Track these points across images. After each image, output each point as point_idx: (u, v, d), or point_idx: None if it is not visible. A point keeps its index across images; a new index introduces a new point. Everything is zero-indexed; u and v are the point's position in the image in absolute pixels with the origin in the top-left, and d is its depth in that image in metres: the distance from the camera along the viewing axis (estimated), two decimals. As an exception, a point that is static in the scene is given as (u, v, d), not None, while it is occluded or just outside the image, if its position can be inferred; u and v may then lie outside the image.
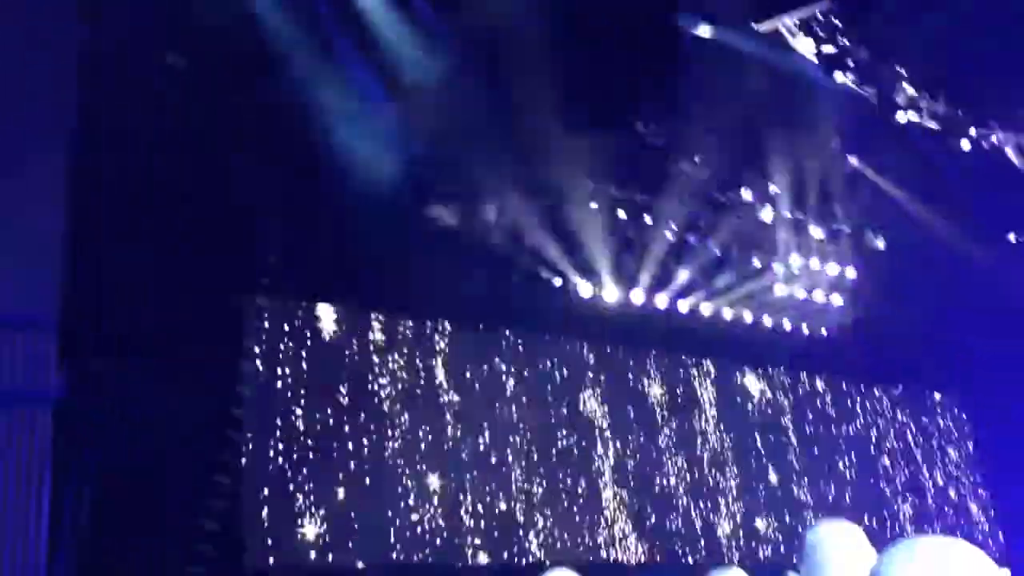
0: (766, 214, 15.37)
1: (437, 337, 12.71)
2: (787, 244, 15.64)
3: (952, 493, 18.19)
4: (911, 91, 14.48)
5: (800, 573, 10.82)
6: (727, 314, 15.44)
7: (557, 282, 13.60)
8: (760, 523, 15.40)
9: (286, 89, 10.26)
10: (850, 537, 10.92)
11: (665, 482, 14.57)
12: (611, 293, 14.01)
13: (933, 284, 16.26)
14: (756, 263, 15.46)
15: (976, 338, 16.71)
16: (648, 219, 14.23)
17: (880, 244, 16.39)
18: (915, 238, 16.09)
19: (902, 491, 17.33)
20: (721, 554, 14.74)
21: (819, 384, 17.05)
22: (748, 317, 15.69)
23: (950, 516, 17.74)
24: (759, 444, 15.75)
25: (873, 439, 17.45)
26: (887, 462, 17.46)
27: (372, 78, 11.01)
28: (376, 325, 12.21)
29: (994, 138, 15.18)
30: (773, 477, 15.73)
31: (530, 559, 12.80)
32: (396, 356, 12.21)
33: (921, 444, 18.22)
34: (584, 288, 13.81)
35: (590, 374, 14.13)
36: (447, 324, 12.76)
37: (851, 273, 16.08)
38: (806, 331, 16.38)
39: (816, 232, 15.86)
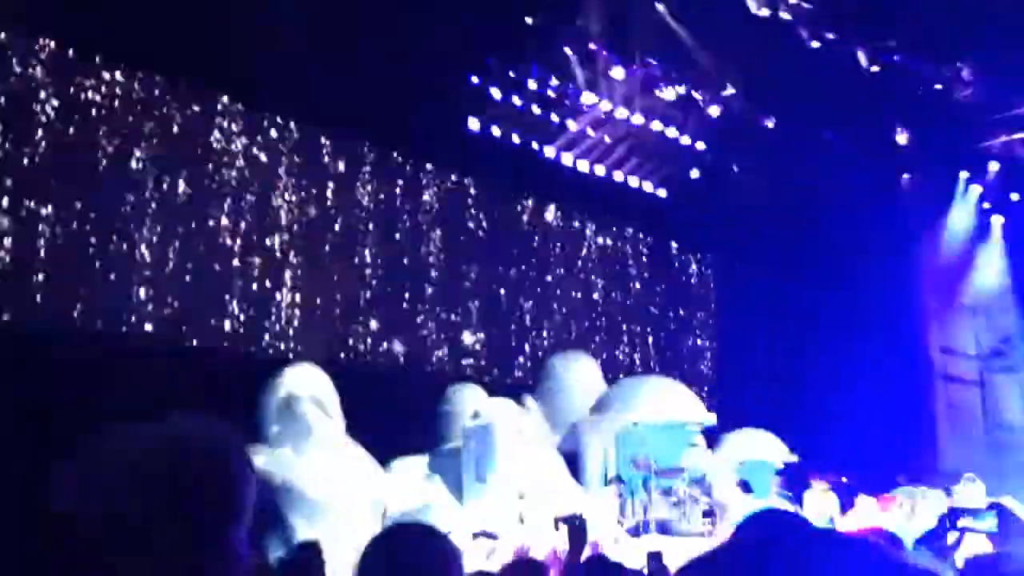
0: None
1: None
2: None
3: (688, 341, 20.06)
4: None
5: (535, 396, 11.24)
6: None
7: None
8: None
9: None
10: (585, 368, 11.50)
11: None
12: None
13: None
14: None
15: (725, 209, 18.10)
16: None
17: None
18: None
19: (638, 333, 19.23)
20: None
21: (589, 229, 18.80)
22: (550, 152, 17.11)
23: (682, 362, 19.33)
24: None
25: (612, 281, 19.15)
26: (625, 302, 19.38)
27: None
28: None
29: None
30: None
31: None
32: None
33: (663, 292, 19.92)
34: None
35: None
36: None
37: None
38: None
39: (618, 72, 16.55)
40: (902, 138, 18.14)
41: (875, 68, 16.67)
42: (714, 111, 17.27)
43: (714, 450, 16.08)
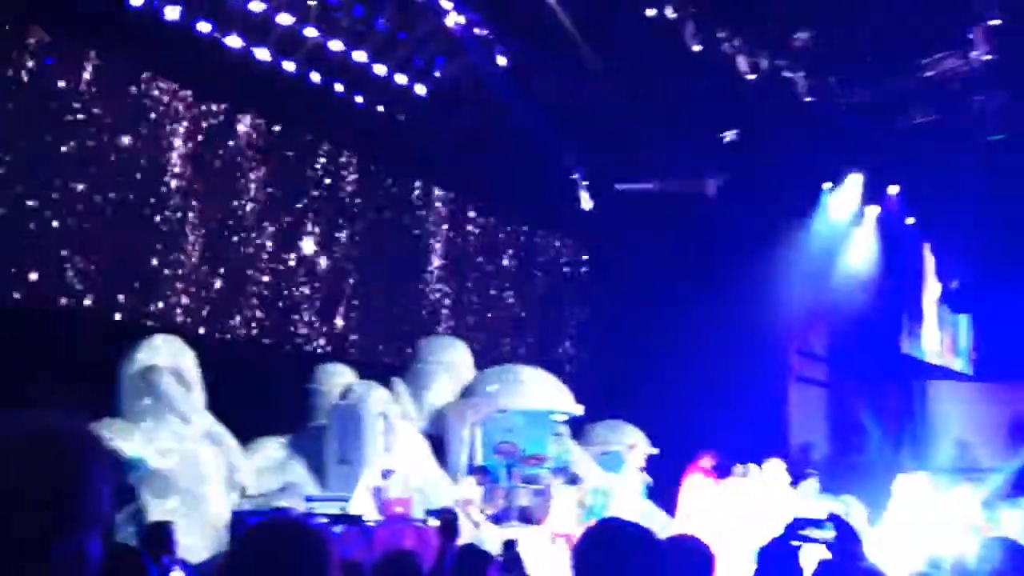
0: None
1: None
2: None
3: (558, 331, 20.40)
4: None
5: (404, 378, 11.57)
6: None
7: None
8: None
9: None
10: (454, 353, 11.92)
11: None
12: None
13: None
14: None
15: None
16: None
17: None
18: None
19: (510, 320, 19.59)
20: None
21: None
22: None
23: (550, 352, 19.43)
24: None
25: (485, 267, 19.43)
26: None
27: None
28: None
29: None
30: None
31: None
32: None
33: (537, 280, 20.33)
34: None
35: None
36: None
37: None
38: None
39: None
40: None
41: (751, 76, 17.16)
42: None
43: (579, 440, 16.31)
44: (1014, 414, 22.47)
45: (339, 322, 16.56)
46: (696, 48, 16.48)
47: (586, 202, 17.99)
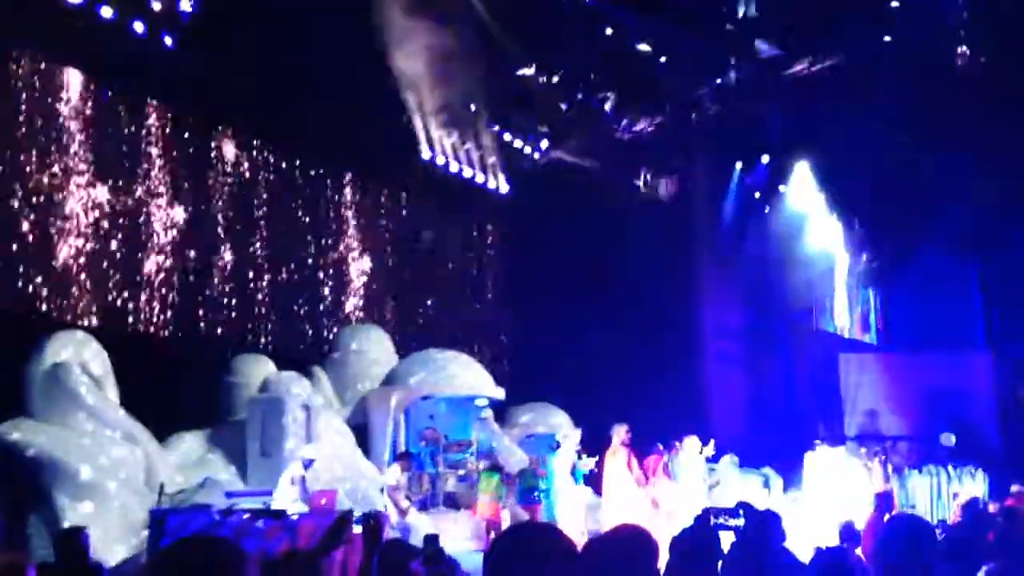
0: None
1: None
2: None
3: (480, 317, 20.45)
4: None
5: (324, 367, 11.84)
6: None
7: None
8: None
9: None
10: (375, 340, 12.27)
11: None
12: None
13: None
14: None
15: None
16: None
17: None
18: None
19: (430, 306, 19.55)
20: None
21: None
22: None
23: (472, 337, 19.40)
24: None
25: (405, 253, 19.37)
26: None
27: None
28: None
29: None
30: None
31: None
32: None
33: (457, 266, 20.27)
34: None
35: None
36: None
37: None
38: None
39: None
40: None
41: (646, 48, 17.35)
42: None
43: (502, 425, 16.36)
44: (922, 384, 23.27)
45: (254, 311, 16.27)
46: (608, 32, 16.66)
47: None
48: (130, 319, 14.28)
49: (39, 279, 13.14)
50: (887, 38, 16.51)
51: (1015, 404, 22.85)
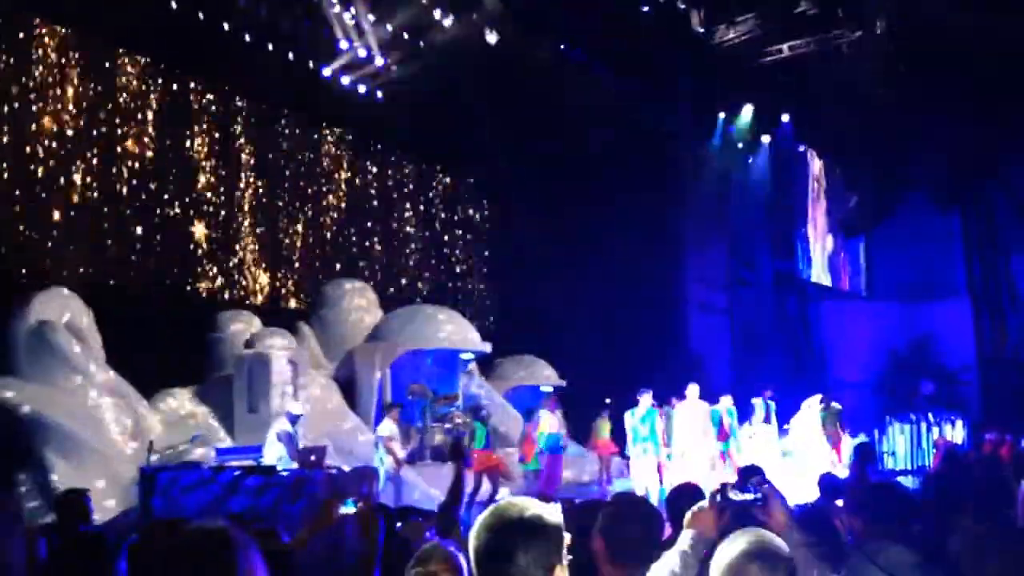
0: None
1: None
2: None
3: (465, 270, 20.49)
4: None
5: (310, 323, 11.96)
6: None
7: None
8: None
9: None
10: (360, 296, 12.42)
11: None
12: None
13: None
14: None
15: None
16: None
17: None
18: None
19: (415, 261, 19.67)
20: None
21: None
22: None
23: (457, 291, 19.65)
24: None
25: (391, 209, 19.44)
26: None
27: None
28: None
29: None
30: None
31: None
32: None
33: (443, 221, 20.35)
34: None
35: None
36: None
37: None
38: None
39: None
40: None
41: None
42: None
43: (488, 377, 16.42)
44: (902, 333, 23.53)
45: (241, 268, 16.17)
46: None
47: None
48: (114, 278, 14.16)
49: (22, 237, 13.02)
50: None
51: (993, 352, 23.17)
